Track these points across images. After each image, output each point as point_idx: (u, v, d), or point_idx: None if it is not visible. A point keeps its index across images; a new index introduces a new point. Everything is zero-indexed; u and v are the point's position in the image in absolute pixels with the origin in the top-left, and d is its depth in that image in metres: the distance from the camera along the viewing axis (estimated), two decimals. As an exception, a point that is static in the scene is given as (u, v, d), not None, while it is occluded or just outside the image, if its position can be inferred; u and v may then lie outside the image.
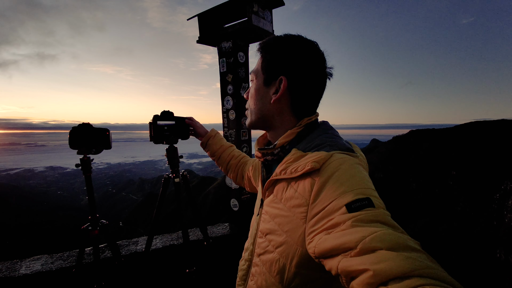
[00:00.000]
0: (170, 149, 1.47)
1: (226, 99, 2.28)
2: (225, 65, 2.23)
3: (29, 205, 63.94)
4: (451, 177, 14.23)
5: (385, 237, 0.41)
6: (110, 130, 1.46)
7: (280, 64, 0.68)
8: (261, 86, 0.72)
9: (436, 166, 16.19)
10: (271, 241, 0.66)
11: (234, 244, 2.27)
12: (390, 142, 26.75)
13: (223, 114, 2.33)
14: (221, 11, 2.15)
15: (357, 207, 0.48)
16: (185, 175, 1.56)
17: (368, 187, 0.52)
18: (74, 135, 1.36)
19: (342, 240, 0.44)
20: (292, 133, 0.69)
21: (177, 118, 1.47)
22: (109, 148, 1.48)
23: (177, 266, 1.89)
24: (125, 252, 1.92)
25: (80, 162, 1.39)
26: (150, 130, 1.40)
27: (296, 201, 0.59)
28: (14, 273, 1.68)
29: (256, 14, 2.05)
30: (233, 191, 2.33)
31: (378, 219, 0.46)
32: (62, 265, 1.75)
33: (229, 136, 2.31)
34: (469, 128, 18.98)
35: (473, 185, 11.90)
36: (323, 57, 0.70)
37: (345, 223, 0.46)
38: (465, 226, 8.20)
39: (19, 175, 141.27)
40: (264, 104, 0.73)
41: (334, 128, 0.72)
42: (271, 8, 2.24)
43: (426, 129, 23.56)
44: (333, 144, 0.63)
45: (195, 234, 2.23)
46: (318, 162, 0.57)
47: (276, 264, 0.63)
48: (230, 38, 2.16)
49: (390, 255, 0.38)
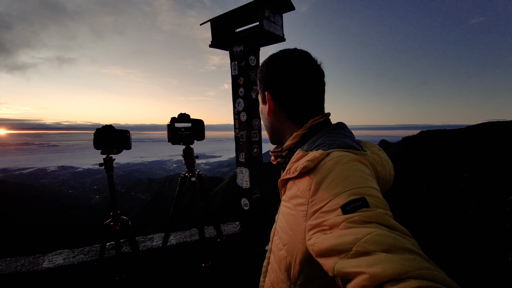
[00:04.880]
0: (186, 150, 1.55)
1: (237, 102, 2.35)
2: (236, 68, 2.30)
3: (42, 203, 65.68)
4: (463, 179, 13.91)
5: (379, 238, 0.41)
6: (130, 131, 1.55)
7: (262, 82, 0.77)
8: (262, 105, 0.81)
9: (448, 167, 15.85)
10: (281, 239, 0.67)
11: (244, 242, 2.34)
12: (400, 143, 26.33)
13: (235, 116, 2.40)
14: (233, 16, 2.22)
15: (351, 209, 0.48)
16: (201, 174, 1.63)
17: (364, 185, 0.52)
18: (98, 136, 1.46)
19: (337, 241, 0.45)
20: (297, 135, 0.72)
21: (193, 120, 1.55)
22: (129, 148, 1.56)
23: (193, 261, 1.97)
24: (142, 248, 2.00)
25: (103, 162, 1.48)
26: (168, 131, 1.48)
27: (299, 199, 0.60)
28: (37, 267, 1.77)
29: (268, 19, 2.11)
30: (244, 191, 2.40)
31: (373, 220, 0.46)
32: (84, 259, 1.84)
33: (240, 138, 2.38)
34: (482, 129, 18.50)
35: (486, 187, 11.60)
36: (303, 60, 0.73)
37: (340, 225, 0.47)
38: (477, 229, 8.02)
39: (32, 174, 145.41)
40: (266, 120, 0.81)
41: (345, 129, 0.72)
42: (281, 13, 2.30)
43: (437, 129, 23.07)
44: (332, 142, 0.64)
45: (208, 232, 2.30)
46: (312, 161, 0.58)
47: (284, 261, 0.65)
48: (241, 42, 2.23)
49: (385, 257, 0.38)
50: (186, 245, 2.12)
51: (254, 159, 2.40)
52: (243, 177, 2.39)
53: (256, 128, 2.40)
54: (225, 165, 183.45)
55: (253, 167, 2.38)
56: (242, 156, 2.40)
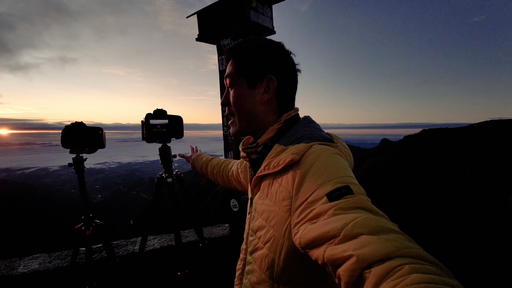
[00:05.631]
0: (162, 148, 1.44)
1: (225, 98, 2.25)
2: (224, 63, 2.19)
3: (45, 203, 65.97)
4: (465, 178, 13.78)
5: (365, 222, 0.42)
6: (103, 129, 1.44)
7: (266, 64, 0.71)
8: (245, 89, 0.73)
9: (449, 166, 15.72)
10: (260, 237, 0.67)
11: (233, 245, 2.23)
12: (401, 142, 26.17)
13: (223, 112, 2.30)
14: (220, 7, 2.11)
15: (337, 196, 0.49)
16: (179, 174, 1.52)
17: (346, 175, 0.54)
18: (67, 134, 1.35)
19: (325, 228, 0.45)
20: (273, 129, 0.71)
21: (170, 116, 1.44)
22: (103, 147, 1.46)
23: (171, 268, 1.87)
24: (123, 253, 1.90)
25: (73, 162, 1.38)
26: (142, 128, 1.38)
27: (281, 194, 0.60)
28: (12, 271, 1.69)
29: (255, 10, 2.00)
30: (233, 191, 2.29)
31: (358, 206, 0.47)
32: (59, 265, 1.74)
33: (229, 135, 2.27)
34: (484, 127, 18.34)
35: (488, 186, 11.49)
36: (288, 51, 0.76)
37: (327, 212, 0.47)
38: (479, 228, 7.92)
39: (34, 174, 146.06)
40: (253, 107, 0.73)
41: (315, 122, 0.73)
42: (270, 4, 2.18)
43: (439, 128, 22.92)
44: (312, 136, 0.65)
45: (193, 235, 2.20)
46: (298, 154, 0.59)
47: (265, 260, 0.64)
48: (229, 35, 2.12)
49: (371, 239, 0.39)
50: (171, 248, 2.02)
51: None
52: (232, 177, 2.29)
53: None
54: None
55: (242, 166, 2.28)
56: (230, 155, 2.30)
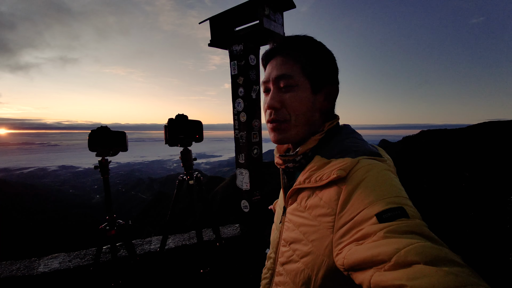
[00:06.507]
0: (184, 152, 1.51)
1: (237, 102, 2.31)
2: (236, 67, 2.26)
3: (43, 203, 65.72)
4: (464, 179, 13.87)
5: (422, 249, 0.38)
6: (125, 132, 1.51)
7: (332, 68, 0.67)
8: (309, 93, 0.66)
9: (449, 167, 15.79)
10: (295, 250, 0.63)
11: (244, 246, 2.30)
12: (400, 142, 26.25)
13: (234, 116, 2.36)
14: (233, 14, 2.17)
15: (388, 217, 0.44)
16: (199, 177, 1.59)
17: (399, 195, 0.49)
18: (93, 138, 1.41)
19: (374, 251, 0.41)
20: (315, 139, 0.66)
21: (191, 121, 1.50)
22: (126, 150, 1.52)
23: (191, 266, 1.93)
24: (139, 252, 1.96)
25: (99, 164, 1.44)
26: (165, 133, 1.44)
27: (321, 210, 0.56)
28: (33, 271, 1.72)
29: (268, 17, 2.06)
30: (244, 193, 2.35)
31: (413, 230, 0.42)
32: (80, 263, 1.80)
33: (240, 138, 2.34)
34: (482, 128, 18.44)
35: (487, 187, 11.56)
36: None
37: (376, 234, 0.43)
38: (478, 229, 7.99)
39: (33, 174, 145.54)
40: (311, 114, 0.67)
41: (356, 132, 0.69)
42: (282, 11, 2.25)
43: (438, 129, 23.00)
44: (357, 149, 0.60)
45: (207, 234, 2.26)
46: (345, 170, 0.54)
47: (301, 275, 0.60)
48: (241, 41, 2.18)
49: (429, 270, 0.35)
50: (185, 248, 2.08)
51: (254, 160, 2.36)
52: (243, 178, 2.35)
53: (256, 129, 2.35)
54: (226, 164, 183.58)
55: (253, 168, 2.34)
56: (242, 157, 2.36)
